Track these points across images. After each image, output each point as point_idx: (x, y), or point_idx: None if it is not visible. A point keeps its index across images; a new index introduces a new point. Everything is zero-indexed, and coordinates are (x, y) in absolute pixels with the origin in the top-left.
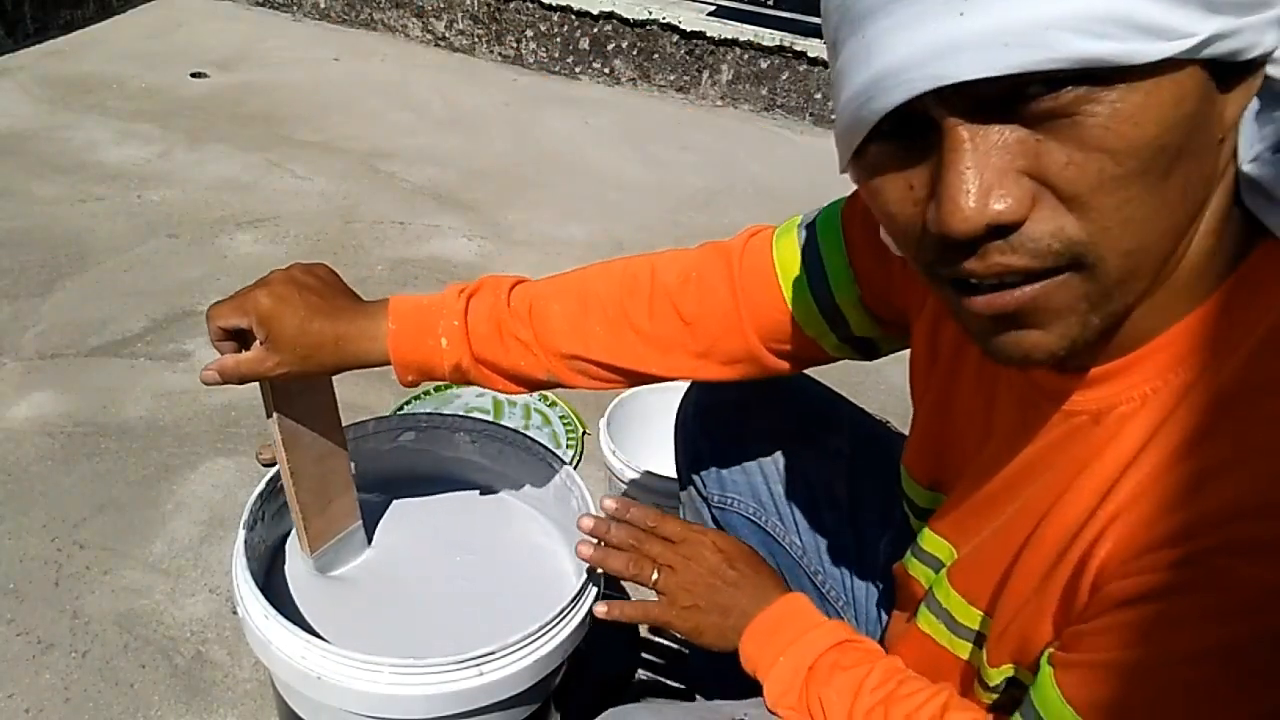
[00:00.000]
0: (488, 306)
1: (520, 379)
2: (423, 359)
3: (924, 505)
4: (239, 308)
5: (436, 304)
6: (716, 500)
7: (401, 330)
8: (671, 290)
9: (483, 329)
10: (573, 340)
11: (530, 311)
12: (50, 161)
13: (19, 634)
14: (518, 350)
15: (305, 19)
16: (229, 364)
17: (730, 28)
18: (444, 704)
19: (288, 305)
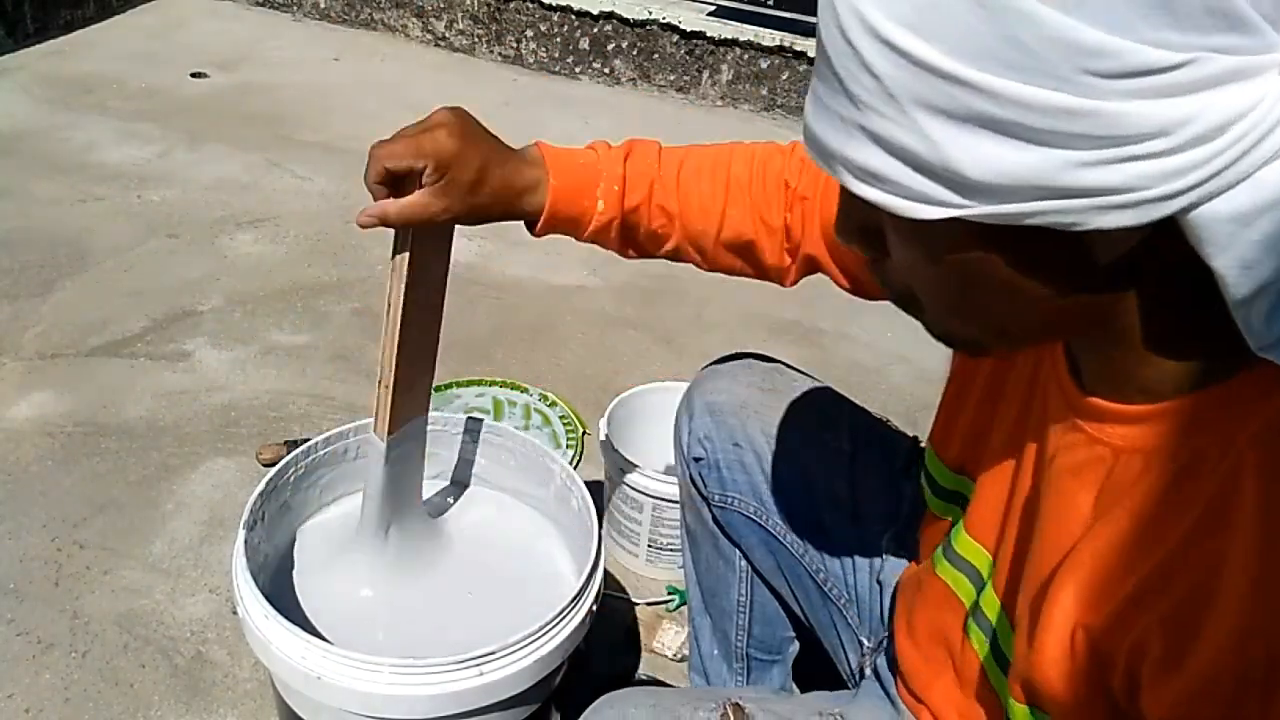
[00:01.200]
0: (643, 173)
1: (645, 247)
2: (575, 216)
3: (946, 485)
4: (415, 147)
5: (593, 163)
6: (717, 499)
7: (561, 185)
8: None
9: (636, 195)
10: (708, 219)
11: (678, 182)
12: (50, 161)
13: (19, 634)
14: (660, 218)
15: (305, 19)
16: (391, 209)
17: (730, 28)
18: (444, 704)
19: (470, 148)
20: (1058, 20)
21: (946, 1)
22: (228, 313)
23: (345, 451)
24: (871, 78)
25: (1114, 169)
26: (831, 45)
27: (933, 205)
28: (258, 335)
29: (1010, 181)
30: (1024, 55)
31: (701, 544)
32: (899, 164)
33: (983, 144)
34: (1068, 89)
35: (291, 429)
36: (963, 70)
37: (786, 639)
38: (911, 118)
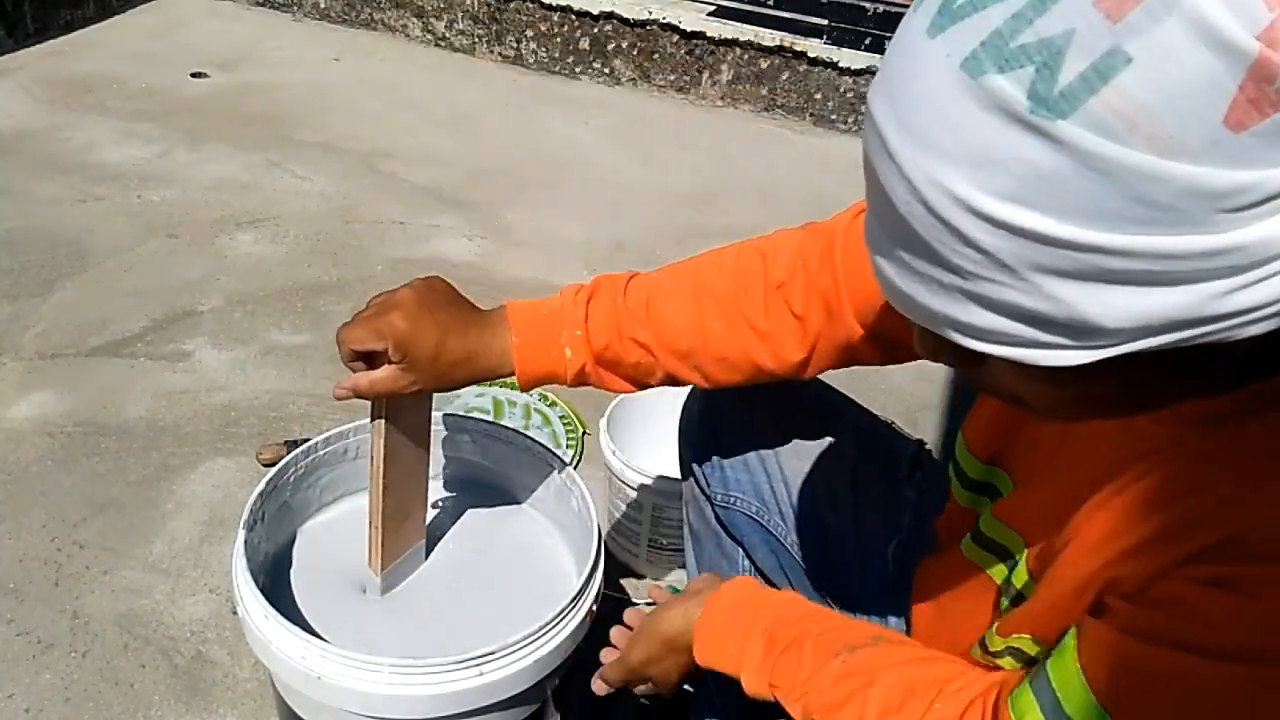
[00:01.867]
0: (607, 310)
1: (637, 379)
2: (547, 369)
3: (976, 477)
4: (374, 331)
5: (556, 312)
6: (720, 499)
7: (525, 343)
8: (783, 283)
9: (603, 334)
10: (690, 338)
11: (648, 310)
12: (50, 161)
13: (19, 634)
14: (636, 351)
15: (305, 19)
16: (363, 383)
17: (730, 28)
18: (444, 704)
19: (423, 327)
20: (1187, 171)
21: (1054, 172)
22: (228, 313)
23: (345, 451)
24: (976, 250)
25: (1263, 286)
26: (915, 218)
27: (1064, 351)
28: (258, 335)
29: (1153, 323)
30: (1156, 210)
31: (704, 542)
32: (1020, 324)
33: (1118, 295)
34: (1205, 230)
35: (291, 429)
36: (1087, 235)
37: None
38: (1031, 282)
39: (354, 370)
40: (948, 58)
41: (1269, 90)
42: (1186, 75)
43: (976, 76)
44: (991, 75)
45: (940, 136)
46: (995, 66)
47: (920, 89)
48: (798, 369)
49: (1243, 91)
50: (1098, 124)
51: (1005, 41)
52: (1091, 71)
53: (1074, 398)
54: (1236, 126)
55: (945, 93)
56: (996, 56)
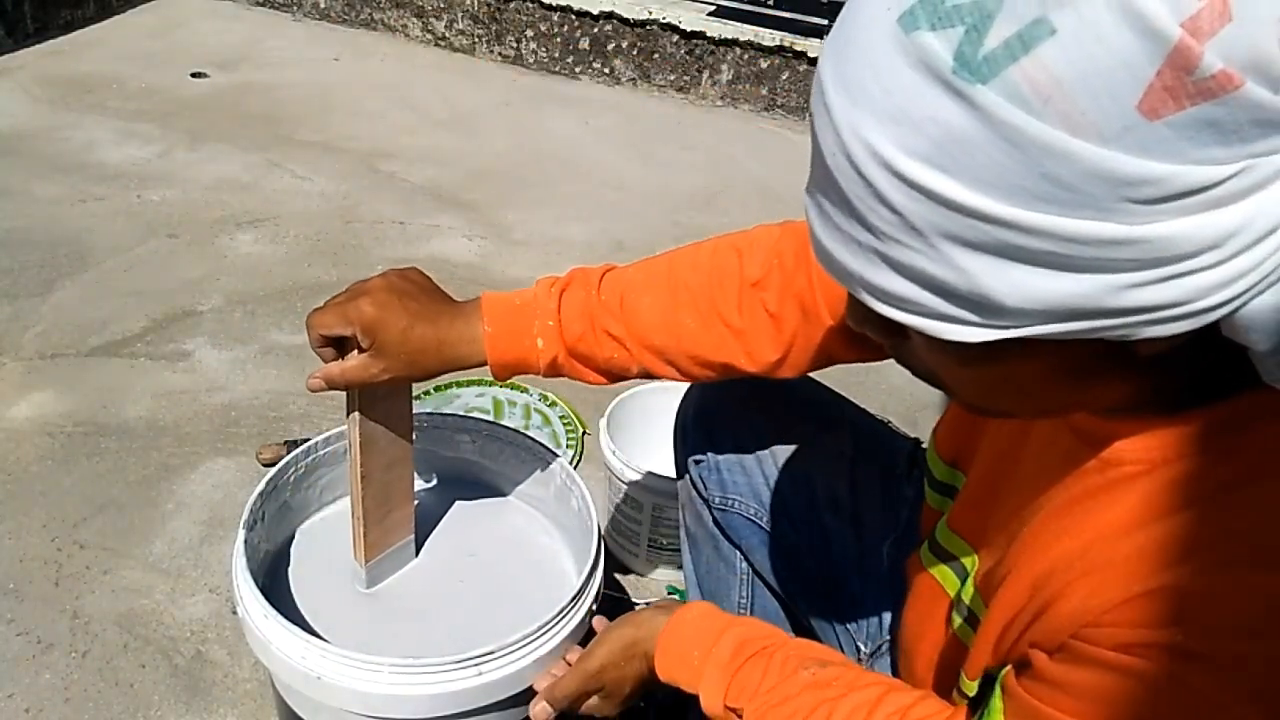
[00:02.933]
0: (580, 302)
1: (612, 372)
2: (519, 358)
3: (941, 479)
4: (342, 316)
5: (529, 303)
6: (717, 501)
7: (497, 332)
8: (758, 281)
9: (576, 326)
10: (664, 333)
11: (621, 304)
12: (50, 161)
13: (19, 634)
14: (610, 344)
15: (305, 19)
16: (334, 372)
17: (730, 28)
18: (444, 704)
19: (391, 313)
20: (1096, 153)
21: (968, 138)
22: (228, 313)
23: (345, 451)
24: (890, 210)
25: (1164, 286)
26: (839, 170)
27: (967, 327)
28: (257, 335)
29: (1052, 307)
30: (1061, 190)
31: (702, 546)
32: (928, 292)
33: (1021, 273)
34: (1110, 217)
35: (291, 429)
36: (994, 207)
37: None
38: (939, 250)
39: (323, 358)
40: (887, 11)
41: (1186, 81)
42: (1106, 54)
43: (910, 32)
44: (924, 32)
45: (870, 90)
46: (929, 24)
47: (859, 41)
48: (773, 368)
49: (1160, 78)
50: (1014, 93)
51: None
52: (1015, 39)
53: (981, 380)
54: (1150, 114)
55: (879, 46)
56: (931, 14)
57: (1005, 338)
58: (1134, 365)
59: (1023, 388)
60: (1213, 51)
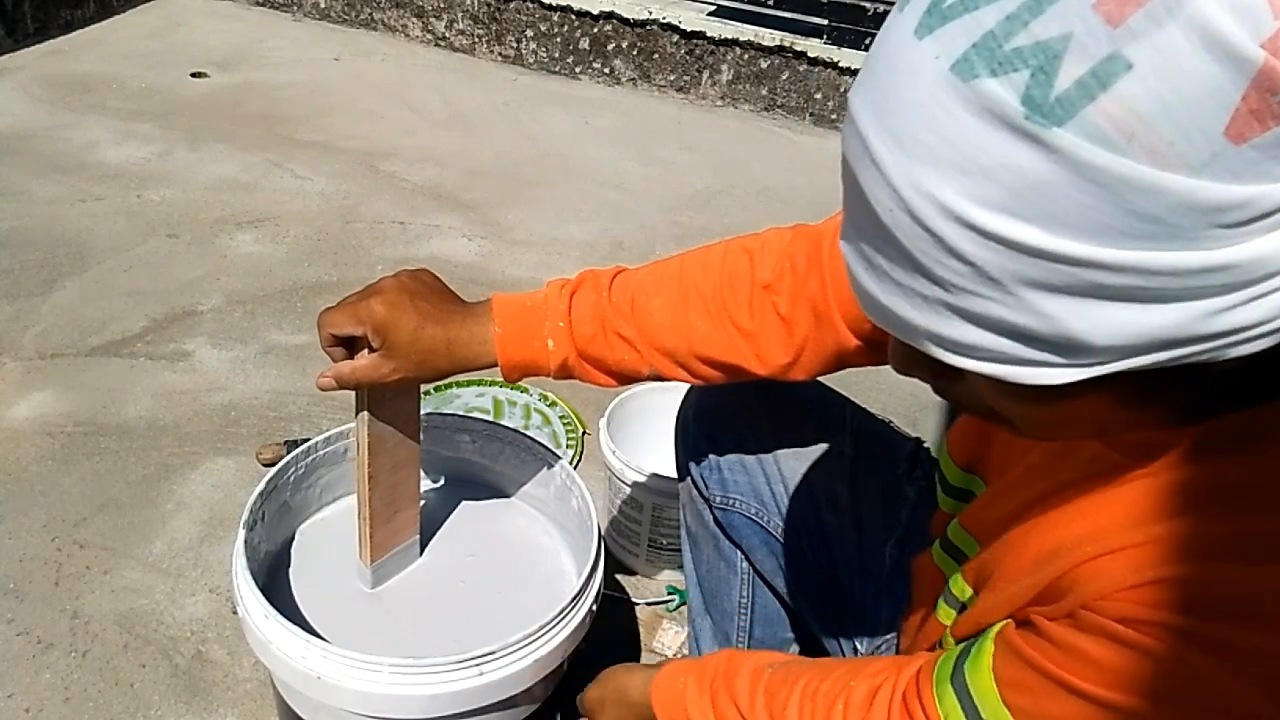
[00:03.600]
0: (590, 304)
1: (623, 374)
2: (529, 360)
3: (955, 484)
4: (353, 316)
5: (540, 304)
6: (718, 501)
7: (508, 334)
8: (769, 284)
9: (587, 328)
10: (674, 335)
11: (632, 306)
12: (50, 161)
13: (19, 634)
14: (621, 347)
15: (305, 19)
16: (345, 371)
17: (730, 28)
18: (444, 704)
19: (402, 313)
20: (1184, 184)
21: (1046, 182)
22: (228, 313)
23: (345, 451)
24: (962, 263)
25: (1254, 305)
26: (898, 226)
27: (1050, 369)
28: (257, 335)
29: (1142, 341)
30: (1149, 224)
31: (702, 545)
32: (1007, 340)
33: (1108, 312)
34: (1200, 245)
35: (291, 429)
36: (1078, 249)
37: (787, 640)
38: (1019, 297)
39: (333, 358)
40: (937, 60)
41: (1271, 101)
42: (1188, 84)
43: (968, 80)
44: (984, 79)
45: (928, 142)
46: (988, 70)
47: (907, 93)
48: (783, 371)
49: (1245, 102)
50: (1094, 133)
51: (999, 44)
52: (1090, 77)
53: (1054, 416)
54: (1237, 138)
55: (934, 96)
56: (990, 59)
57: (1094, 375)
58: (1205, 380)
59: (1099, 419)
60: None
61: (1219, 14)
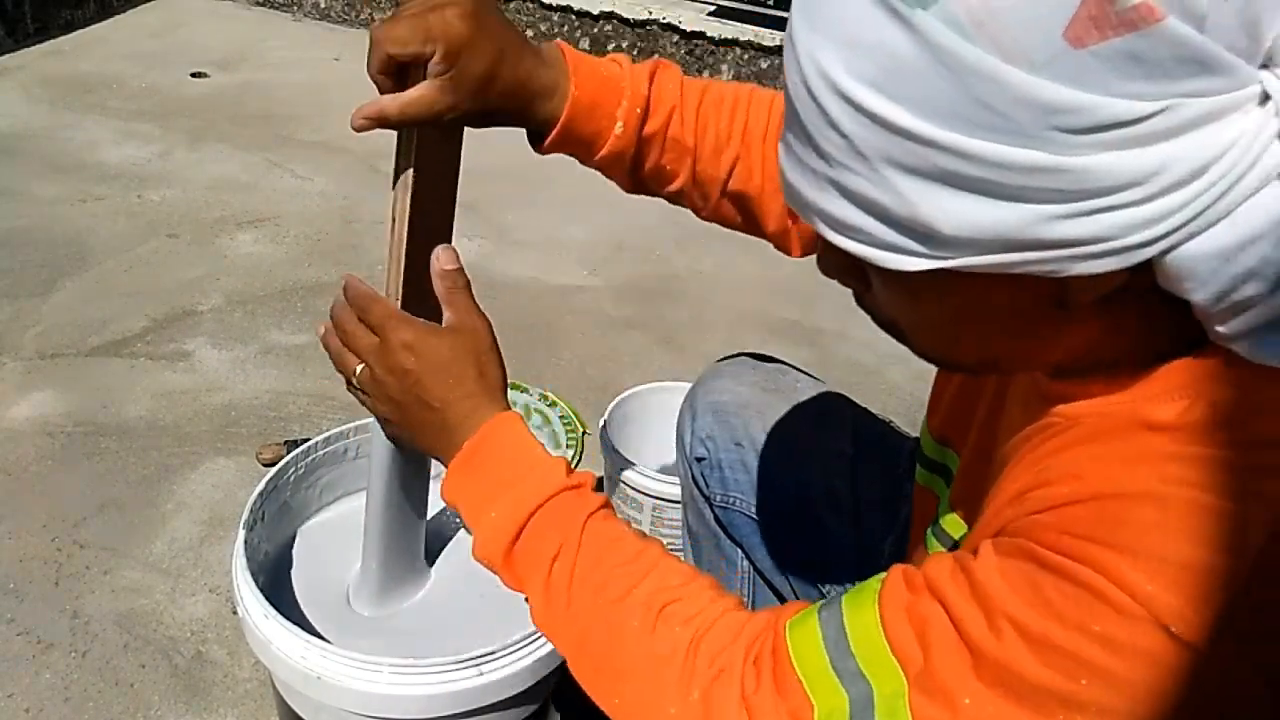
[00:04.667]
0: (666, 99)
1: (655, 180)
2: (592, 133)
3: (931, 455)
4: (423, 29)
5: (617, 78)
6: (719, 499)
7: (581, 97)
8: None
9: (655, 122)
10: (716, 166)
11: (698, 116)
12: (50, 161)
13: (19, 634)
14: (672, 154)
15: (305, 19)
16: (391, 106)
17: (730, 28)
18: (444, 704)
19: (485, 34)
20: (1024, 80)
21: (910, 63)
22: (228, 313)
23: (345, 451)
24: (840, 135)
25: (1089, 220)
26: (798, 98)
27: (909, 256)
28: (258, 335)
29: (985, 236)
30: (991, 115)
31: (703, 544)
32: (873, 219)
33: (955, 200)
34: (1037, 145)
35: (291, 429)
36: (930, 130)
37: None
38: (882, 175)
39: (380, 88)
40: None
41: (1110, 11)
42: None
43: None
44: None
45: (827, 16)
46: None
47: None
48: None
49: (1085, 7)
50: (951, 19)
51: None
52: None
53: (931, 321)
54: (1075, 42)
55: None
56: None
57: (944, 267)
58: (1078, 314)
59: (972, 332)
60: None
61: None
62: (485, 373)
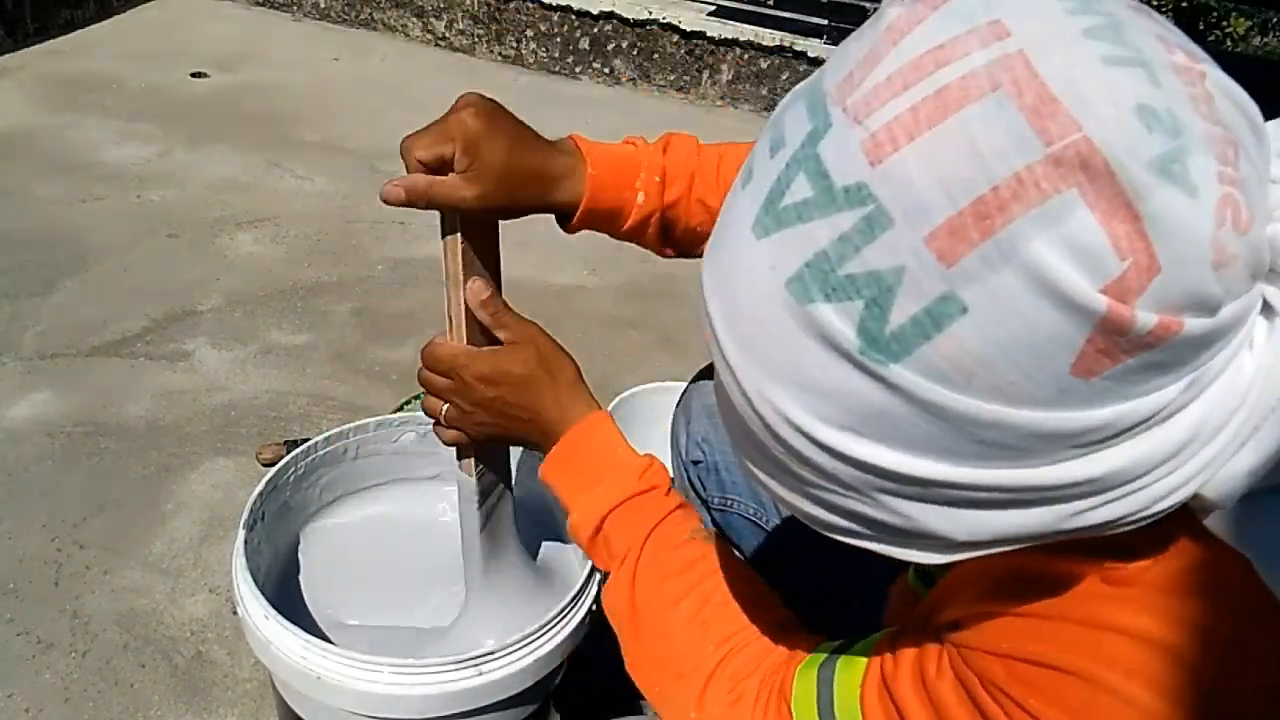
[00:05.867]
0: (684, 163)
1: (689, 244)
2: (614, 208)
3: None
4: (442, 133)
5: (632, 155)
6: (716, 502)
7: (600, 175)
8: None
9: (677, 189)
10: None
11: (719, 176)
12: (50, 161)
13: (19, 634)
14: (700, 215)
15: (305, 19)
16: (420, 184)
17: (730, 28)
18: (444, 704)
19: (498, 131)
20: (1032, 417)
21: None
22: (227, 313)
23: (345, 451)
24: (814, 470)
25: (1121, 503)
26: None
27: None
28: (257, 335)
29: (1006, 536)
30: (1001, 450)
31: None
32: (869, 530)
33: (969, 515)
34: (1061, 461)
35: (291, 429)
36: (929, 469)
37: None
38: (876, 500)
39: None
40: (772, 270)
41: (1121, 341)
42: (1028, 330)
43: (803, 304)
44: (819, 304)
45: (771, 355)
46: (822, 294)
47: (748, 299)
48: None
49: (1090, 344)
50: (932, 371)
51: (832, 267)
52: (925, 316)
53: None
54: (1085, 374)
55: (772, 312)
56: (823, 283)
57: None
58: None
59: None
60: (1146, 307)
61: (1056, 261)
62: (556, 373)
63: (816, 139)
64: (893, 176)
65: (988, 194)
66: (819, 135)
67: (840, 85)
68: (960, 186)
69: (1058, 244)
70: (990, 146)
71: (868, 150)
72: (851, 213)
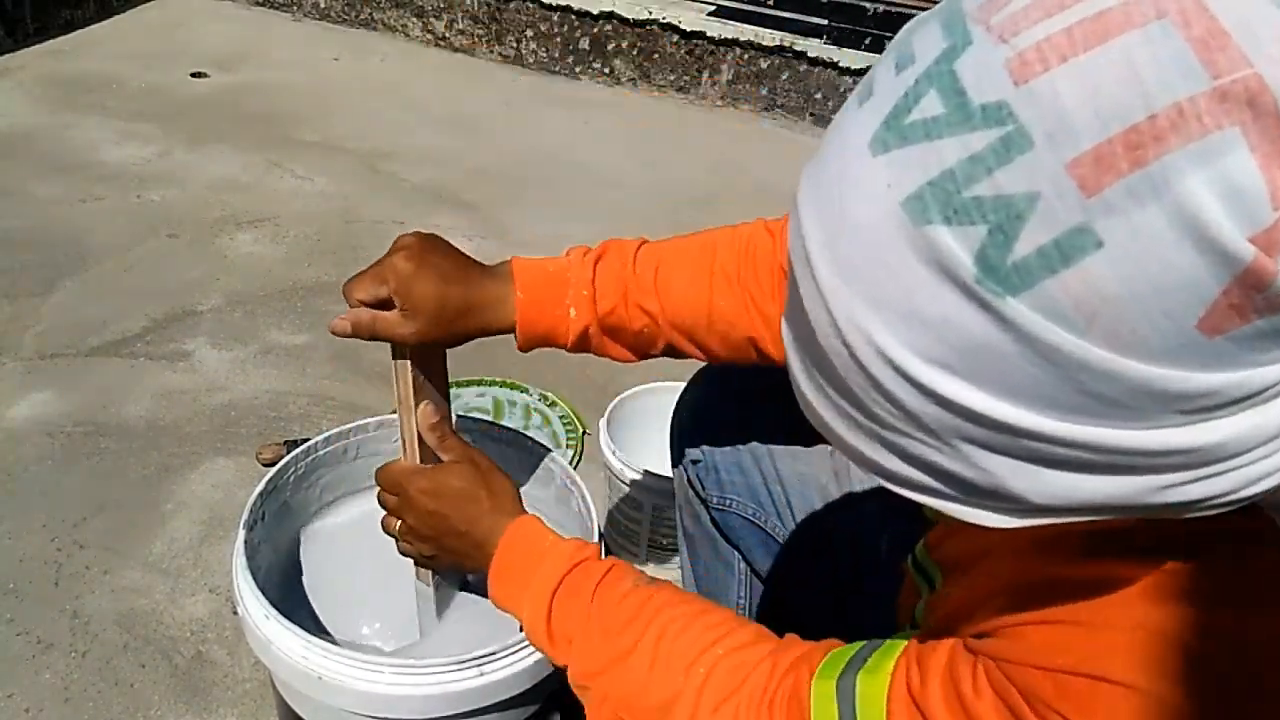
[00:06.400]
0: (615, 274)
1: (639, 348)
2: (549, 328)
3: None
4: (377, 277)
5: (562, 271)
6: (715, 501)
7: (529, 299)
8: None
9: (610, 299)
10: (695, 313)
11: (655, 279)
12: (50, 161)
13: (19, 634)
14: (641, 319)
15: (305, 19)
16: (364, 318)
17: (730, 28)
18: (445, 704)
19: (427, 270)
20: (1145, 371)
21: (997, 349)
22: (227, 313)
23: (345, 451)
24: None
25: (1212, 482)
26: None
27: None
28: (257, 335)
29: (1086, 504)
30: (1105, 405)
31: (699, 547)
32: (940, 483)
33: (1053, 476)
34: (1162, 426)
35: (291, 429)
36: (1024, 418)
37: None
38: (957, 449)
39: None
40: (889, 189)
41: (1256, 298)
42: (1164, 272)
43: (919, 225)
44: (937, 226)
45: (872, 278)
46: (942, 216)
47: (855, 215)
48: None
49: (1225, 297)
50: (1052, 309)
51: (958, 187)
52: (1054, 248)
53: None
54: (1211, 331)
55: (882, 230)
56: (945, 204)
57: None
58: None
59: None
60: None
61: (1209, 201)
62: (494, 488)
63: (953, 56)
64: (1039, 97)
65: (1144, 122)
66: (956, 52)
67: (984, 5)
68: (1114, 112)
69: (1212, 183)
70: (1152, 73)
71: (1013, 69)
72: (987, 132)
